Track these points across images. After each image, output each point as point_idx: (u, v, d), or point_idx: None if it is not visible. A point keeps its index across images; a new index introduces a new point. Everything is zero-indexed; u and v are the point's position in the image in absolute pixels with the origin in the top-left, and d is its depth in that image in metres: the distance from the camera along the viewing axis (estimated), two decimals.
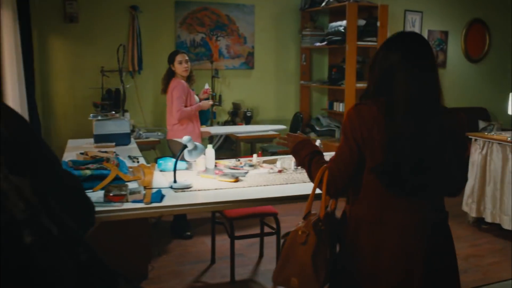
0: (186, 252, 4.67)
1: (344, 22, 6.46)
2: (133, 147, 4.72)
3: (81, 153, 4.01)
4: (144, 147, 5.42)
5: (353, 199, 2.15)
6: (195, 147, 3.34)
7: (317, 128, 7.24)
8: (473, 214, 5.32)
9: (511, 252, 4.70)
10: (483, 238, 5.12)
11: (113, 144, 4.71)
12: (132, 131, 5.52)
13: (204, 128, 5.58)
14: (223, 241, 4.77)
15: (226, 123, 6.69)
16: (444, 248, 2.11)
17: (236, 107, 6.70)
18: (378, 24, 6.48)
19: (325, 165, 2.17)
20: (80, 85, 6.23)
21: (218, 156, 4.05)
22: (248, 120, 6.50)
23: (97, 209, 2.75)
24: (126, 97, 6.00)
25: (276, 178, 3.45)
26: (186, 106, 4.92)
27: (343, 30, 6.49)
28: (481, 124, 8.01)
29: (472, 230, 5.33)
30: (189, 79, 5.10)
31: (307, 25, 7.18)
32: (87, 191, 3.08)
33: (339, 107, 7.04)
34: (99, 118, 4.84)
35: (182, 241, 4.85)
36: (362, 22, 6.55)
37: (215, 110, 6.51)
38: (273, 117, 7.30)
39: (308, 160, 2.28)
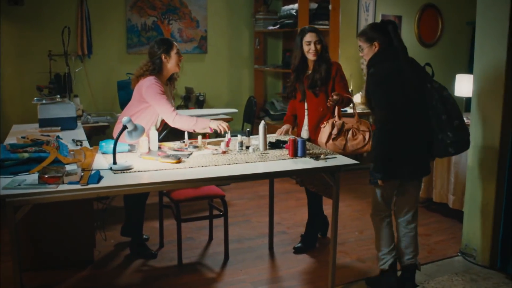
0: None
1: (296, 5, 6.45)
2: (79, 131, 4.63)
3: (22, 137, 3.92)
4: (93, 132, 5.32)
5: None
6: (135, 128, 3.29)
7: (272, 112, 7.24)
8: (423, 194, 5.40)
9: (458, 230, 4.79)
10: (431, 218, 5.21)
11: (59, 128, 4.60)
12: (81, 115, 5.40)
13: None
14: (172, 225, 4.73)
15: (179, 107, 6.61)
16: None
17: (188, 91, 6.63)
18: (330, 7, 6.48)
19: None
20: (27, 69, 6.06)
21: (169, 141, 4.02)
22: (200, 104, 6.44)
23: (30, 191, 2.72)
24: (73, 81, 5.87)
25: (220, 159, 3.43)
26: None
27: (295, 14, 6.48)
28: None
29: (421, 211, 5.37)
30: (171, 79, 4.14)
31: (260, 8, 7.14)
32: (23, 174, 3.03)
33: None
34: (44, 102, 4.72)
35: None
36: (314, 5, 6.55)
37: None
38: (226, 101, 7.27)
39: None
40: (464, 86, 5.23)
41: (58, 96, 4.87)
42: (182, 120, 3.84)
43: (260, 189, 6.05)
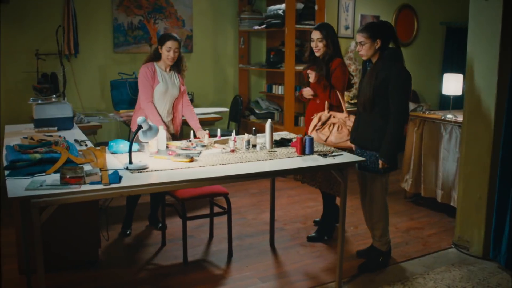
0: (136, 236, 4.62)
1: (283, 6, 6.54)
2: (76, 132, 4.62)
3: (25, 138, 3.89)
4: (84, 132, 5.28)
5: None
6: (150, 128, 3.32)
7: (257, 111, 7.31)
8: (411, 190, 5.58)
9: (448, 223, 4.99)
10: (421, 212, 5.38)
11: (55, 128, 4.58)
12: (73, 115, 5.36)
13: None
14: (172, 223, 4.78)
15: None
16: None
17: None
18: (316, 7, 6.60)
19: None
20: (12, 69, 5.96)
21: None
22: None
23: (54, 191, 2.73)
24: (61, 80, 5.82)
25: (230, 158, 3.49)
26: None
27: (282, 14, 6.57)
28: (411, 106, 8.35)
29: (410, 205, 5.59)
30: (177, 67, 4.58)
31: (245, 8, 7.21)
32: (39, 174, 3.03)
33: (278, 89, 7.14)
34: (40, 102, 4.68)
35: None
36: (300, 5, 6.65)
37: None
38: (212, 100, 7.32)
39: None
40: (451, 85, 5.39)
41: (54, 96, 4.84)
42: (148, 111, 4.35)
43: (250, 186, 6.13)
